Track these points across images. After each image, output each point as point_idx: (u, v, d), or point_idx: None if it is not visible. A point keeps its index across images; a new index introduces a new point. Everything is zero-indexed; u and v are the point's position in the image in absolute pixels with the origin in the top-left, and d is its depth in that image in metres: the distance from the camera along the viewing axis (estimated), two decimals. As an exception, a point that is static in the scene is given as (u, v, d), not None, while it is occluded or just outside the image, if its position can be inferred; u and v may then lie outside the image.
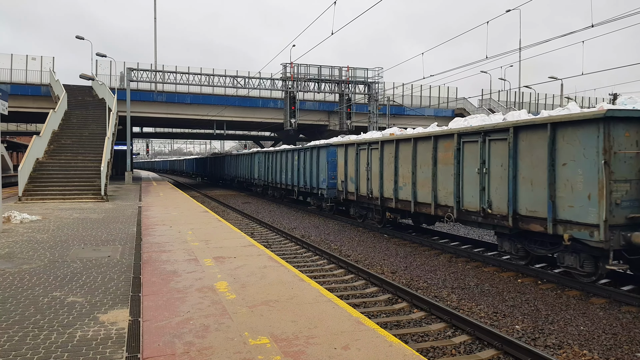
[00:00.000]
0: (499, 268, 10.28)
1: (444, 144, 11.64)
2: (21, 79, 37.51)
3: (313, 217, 19.80)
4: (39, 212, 15.05)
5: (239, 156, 36.83)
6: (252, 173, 32.29)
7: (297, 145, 27.43)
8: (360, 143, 16.13)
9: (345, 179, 17.04)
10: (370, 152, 15.32)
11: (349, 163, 16.81)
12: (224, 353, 4.31)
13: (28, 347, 4.39)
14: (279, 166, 25.74)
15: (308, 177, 21.36)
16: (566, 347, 6.05)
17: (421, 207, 12.59)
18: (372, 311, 7.40)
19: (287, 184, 24.54)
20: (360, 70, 37.95)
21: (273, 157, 26.97)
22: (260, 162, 29.94)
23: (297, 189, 22.97)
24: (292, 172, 23.65)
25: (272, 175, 27.15)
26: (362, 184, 15.84)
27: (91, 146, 24.62)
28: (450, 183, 11.32)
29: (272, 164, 27.04)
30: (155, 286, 6.56)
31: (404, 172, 13.34)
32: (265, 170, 28.66)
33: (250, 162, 32.82)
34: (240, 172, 36.16)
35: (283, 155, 25.15)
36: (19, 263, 7.86)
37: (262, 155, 29.46)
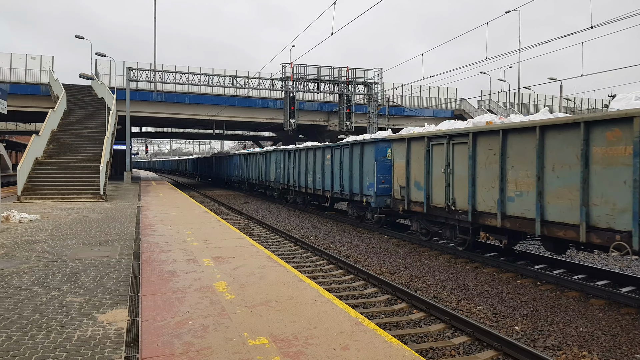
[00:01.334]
0: (498, 269, 10.28)
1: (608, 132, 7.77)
2: (20, 78, 37.50)
3: (312, 218, 19.79)
4: (38, 211, 15.03)
5: (251, 155, 32.45)
6: (266, 174, 28.30)
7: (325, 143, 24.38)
8: (433, 136, 12.09)
9: (407, 184, 13.08)
10: (450, 149, 11.35)
11: (413, 163, 12.88)
12: (223, 353, 4.30)
13: (26, 347, 4.37)
14: (303, 167, 21.80)
15: (346, 181, 17.41)
16: (565, 348, 6.05)
17: (556, 228, 8.62)
18: (372, 312, 7.39)
19: (315, 188, 20.49)
20: (360, 71, 37.96)
21: (296, 156, 22.99)
22: (278, 162, 25.94)
23: (330, 195, 18.84)
24: (322, 174, 19.65)
25: (294, 178, 23.18)
26: (436, 191, 11.89)
27: (90, 146, 24.60)
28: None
29: (295, 165, 23.10)
30: (154, 286, 6.54)
31: (519, 176, 9.45)
32: (284, 172, 24.78)
33: (264, 162, 28.83)
34: (251, 173, 32.03)
35: (310, 153, 21.14)
36: (17, 262, 7.85)
37: (281, 154, 25.36)
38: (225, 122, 43.64)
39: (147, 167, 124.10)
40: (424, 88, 47.10)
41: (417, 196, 12.71)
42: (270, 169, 27.58)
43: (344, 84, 37.39)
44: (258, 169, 30.36)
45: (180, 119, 41.62)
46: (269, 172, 27.82)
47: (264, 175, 28.96)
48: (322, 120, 42.79)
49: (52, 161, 22.41)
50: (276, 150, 26.92)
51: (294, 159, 23.21)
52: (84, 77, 28.03)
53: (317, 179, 20.29)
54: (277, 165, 26.15)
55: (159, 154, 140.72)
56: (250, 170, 32.34)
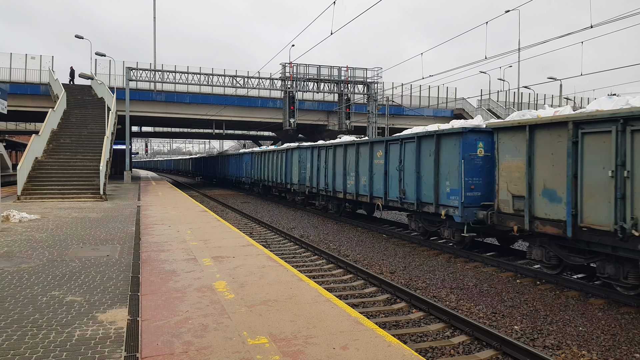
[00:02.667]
0: (498, 268, 10.29)
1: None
2: (20, 78, 37.49)
3: (312, 217, 19.79)
4: (38, 211, 15.03)
5: (267, 154, 28.74)
6: (287, 176, 24.65)
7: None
8: (586, 121, 7.98)
9: (528, 193, 9.09)
10: (628, 139, 7.29)
11: (541, 162, 8.89)
12: (223, 353, 4.31)
13: (26, 346, 4.38)
14: (340, 167, 17.93)
15: (410, 186, 13.17)
16: (565, 347, 6.06)
17: None
18: (371, 311, 7.40)
19: (358, 194, 16.40)
20: (360, 70, 37.97)
21: (329, 153, 19.08)
22: (303, 161, 22.39)
23: (384, 203, 14.64)
24: (369, 177, 15.54)
25: (326, 180, 19.18)
26: (591, 205, 7.92)
27: (90, 145, 24.60)
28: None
29: (327, 164, 19.18)
30: (154, 285, 6.55)
31: None
32: (312, 173, 20.96)
33: (284, 161, 25.09)
34: (267, 174, 28.43)
35: (350, 150, 17.21)
36: (17, 262, 7.85)
37: (307, 151, 21.69)
38: (224, 122, 43.65)
39: (147, 166, 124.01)
40: (424, 87, 47.11)
41: (550, 211, 8.65)
42: (292, 169, 24.05)
43: (343, 84, 37.40)
44: (276, 170, 26.75)
45: (180, 118, 41.62)
46: (290, 173, 24.34)
47: (283, 176, 25.29)
48: (322, 119, 42.79)
49: (52, 161, 22.41)
50: (300, 147, 23.19)
51: (326, 157, 19.37)
52: (84, 76, 28.00)
53: (360, 183, 16.35)
54: (302, 165, 22.62)
55: (158, 154, 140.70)
56: (266, 170, 28.81)
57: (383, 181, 14.61)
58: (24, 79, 37.44)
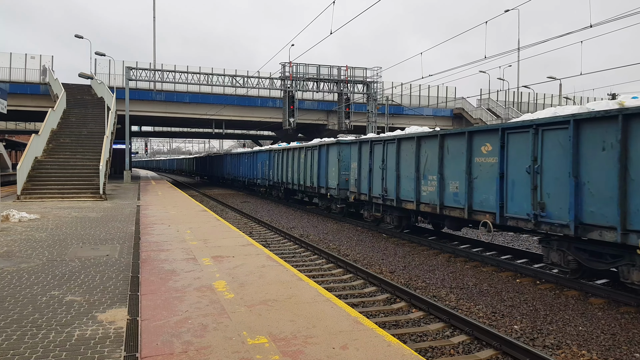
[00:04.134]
0: (497, 268, 10.29)
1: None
2: (20, 77, 37.48)
3: (312, 217, 19.79)
4: (38, 210, 15.02)
5: (291, 152, 24.49)
6: (320, 178, 20.26)
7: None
8: None
9: None
10: None
11: None
12: (223, 352, 4.30)
13: (26, 346, 4.38)
14: (409, 167, 13.30)
15: (559, 198, 8.53)
16: (565, 347, 6.06)
17: None
18: (371, 311, 7.40)
19: (444, 206, 11.85)
20: (359, 70, 37.98)
21: (389, 150, 14.49)
22: (345, 160, 18.29)
23: (496, 218, 10.06)
24: (465, 182, 11.04)
25: (384, 185, 14.59)
26: None
27: (90, 145, 24.59)
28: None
29: (386, 164, 14.56)
30: (154, 285, 6.55)
31: None
32: (360, 175, 16.26)
33: (316, 160, 20.78)
34: (291, 175, 24.31)
35: (428, 145, 12.62)
36: (17, 262, 7.85)
37: (353, 148, 17.13)
38: (224, 121, 43.65)
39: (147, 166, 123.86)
40: (424, 87, 47.11)
41: None
42: (328, 170, 19.53)
43: (343, 83, 37.42)
44: (303, 170, 22.48)
45: (180, 118, 41.61)
46: (324, 175, 19.83)
47: (314, 178, 21.02)
48: (322, 119, 42.79)
49: (51, 160, 22.40)
50: (341, 142, 18.62)
51: (385, 155, 14.61)
52: (84, 76, 27.99)
53: (448, 190, 11.77)
54: (344, 164, 18.30)
55: (158, 153, 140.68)
56: (289, 171, 24.65)
57: (497, 188, 10.07)
58: (23, 79, 37.44)
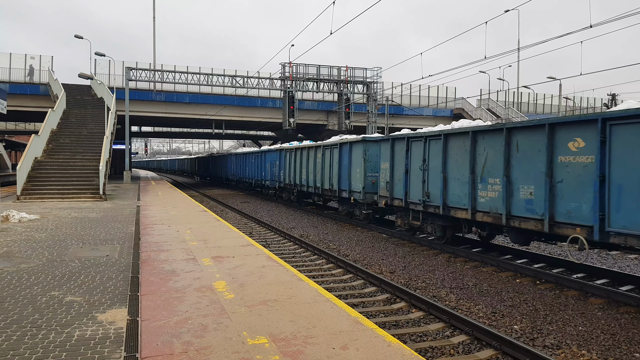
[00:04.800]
0: (497, 268, 10.29)
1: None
2: (20, 77, 37.48)
3: (311, 217, 19.79)
4: (38, 211, 15.02)
5: (305, 151, 21.76)
6: (342, 181, 18.13)
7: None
8: None
9: None
10: None
11: None
12: (223, 353, 4.30)
13: (26, 347, 4.38)
14: (461, 169, 11.07)
15: None
16: (565, 347, 6.06)
17: None
18: (371, 311, 7.40)
19: (511, 215, 9.71)
20: (359, 70, 37.97)
21: (430, 148, 12.11)
22: (372, 159, 15.71)
23: (595, 233, 7.95)
24: (545, 186, 8.84)
25: (425, 189, 12.20)
26: None
27: (90, 145, 24.59)
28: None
29: (428, 165, 12.15)
30: (154, 286, 6.55)
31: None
32: (393, 178, 13.82)
33: (336, 160, 18.46)
34: (306, 177, 21.76)
35: (487, 142, 10.42)
36: (17, 262, 7.85)
37: (383, 145, 14.57)
38: (224, 122, 43.64)
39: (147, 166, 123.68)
40: (424, 87, 47.11)
41: None
42: (350, 171, 17.31)
43: (343, 83, 37.40)
44: (320, 172, 20.03)
45: (180, 118, 41.60)
46: (346, 177, 17.57)
47: (333, 180, 18.74)
48: (322, 119, 42.79)
49: (51, 161, 22.39)
50: (368, 140, 16.19)
51: (426, 154, 12.17)
52: (84, 76, 27.97)
53: (517, 196, 9.58)
54: (371, 165, 15.89)
55: (158, 154, 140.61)
56: (304, 172, 22.11)
57: (594, 195, 7.96)
58: (23, 79, 37.44)
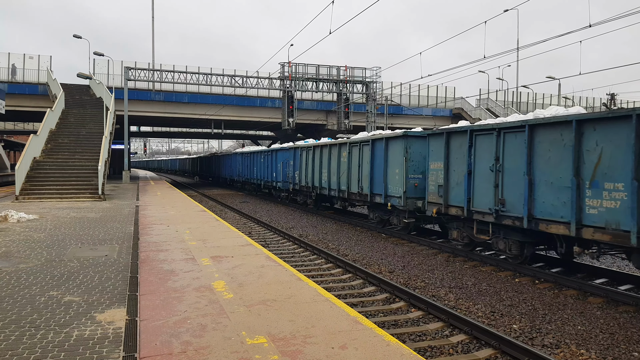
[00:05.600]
0: (497, 267, 10.30)
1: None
2: (18, 77, 37.41)
3: (311, 217, 19.79)
4: (36, 211, 15.00)
5: (326, 148, 19.10)
6: (374, 183, 15.30)
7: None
8: None
9: None
10: None
11: None
12: (222, 352, 4.30)
13: (24, 347, 4.37)
14: (549, 170, 8.67)
15: None
16: (563, 346, 6.06)
17: None
18: (370, 310, 7.40)
19: (621, 229, 7.28)
20: (359, 70, 37.95)
21: (495, 143, 9.91)
22: (415, 158, 13.35)
23: None
24: None
25: (486, 194, 10.19)
26: None
27: (89, 145, 24.56)
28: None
29: (487, 166, 10.13)
30: (153, 285, 6.54)
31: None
32: (450, 181, 11.37)
33: (366, 159, 15.77)
34: (327, 179, 19.14)
35: (595, 134, 7.71)
36: (15, 262, 7.83)
37: (421, 142, 13.17)
38: (223, 121, 43.61)
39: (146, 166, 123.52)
40: (423, 87, 47.10)
41: None
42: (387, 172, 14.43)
43: (342, 83, 37.39)
44: (345, 173, 17.14)
45: (179, 118, 41.56)
46: (380, 178, 14.75)
47: (364, 183, 15.93)
48: (321, 119, 42.78)
49: (50, 161, 22.36)
50: (409, 135, 13.41)
51: (501, 151, 9.79)
52: (82, 76, 27.96)
53: None
54: (414, 164, 13.23)
55: (157, 153, 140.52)
56: (325, 173, 19.36)
57: None
58: (22, 79, 37.38)
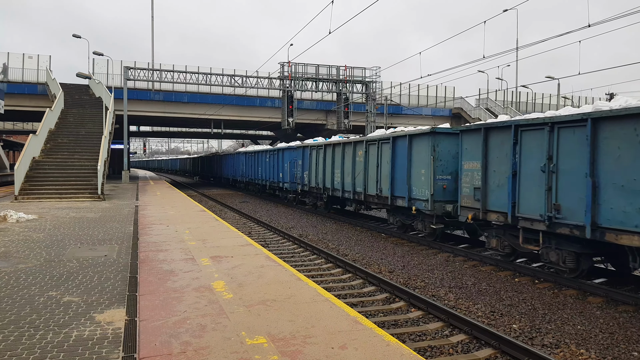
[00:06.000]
0: (496, 267, 10.30)
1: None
2: (18, 77, 37.40)
3: (311, 217, 19.78)
4: (36, 211, 14.99)
5: (339, 147, 17.39)
6: (396, 185, 13.70)
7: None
8: None
9: None
10: None
11: None
12: (221, 353, 4.29)
13: (24, 347, 4.36)
14: None
15: None
16: (563, 346, 6.06)
17: None
18: (370, 310, 7.39)
19: None
20: (358, 70, 37.94)
21: (548, 139, 8.64)
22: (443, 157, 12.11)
23: None
24: None
25: (536, 198, 8.88)
26: None
27: (88, 145, 24.53)
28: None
29: (538, 166, 8.82)
30: (152, 286, 6.53)
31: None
32: (493, 184, 10.02)
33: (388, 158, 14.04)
34: (340, 180, 17.34)
35: None
36: (15, 262, 7.82)
37: (451, 139, 12.04)
38: (223, 121, 43.58)
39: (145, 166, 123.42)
40: (422, 87, 47.09)
41: None
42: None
43: (342, 83, 37.38)
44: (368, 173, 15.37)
45: (178, 118, 41.54)
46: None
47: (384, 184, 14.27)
48: (321, 119, 42.77)
49: (49, 160, 22.34)
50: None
51: None
52: (82, 76, 27.95)
53: None
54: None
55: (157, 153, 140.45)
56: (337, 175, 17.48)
57: None
58: (21, 79, 37.36)
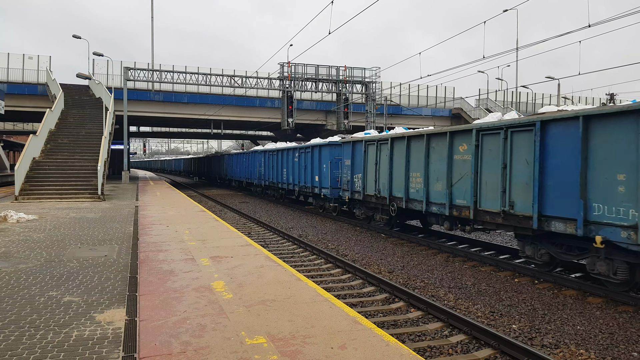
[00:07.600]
0: (496, 267, 10.30)
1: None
2: (18, 78, 37.42)
3: (310, 217, 19.79)
4: (36, 211, 14.99)
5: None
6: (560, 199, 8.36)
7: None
8: None
9: None
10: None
11: None
12: (221, 352, 4.30)
13: (24, 347, 4.37)
14: None
15: None
16: (563, 346, 6.07)
17: None
18: (369, 311, 7.40)
19: None
20: (358, 70, 37.96)
21: None
22: None
23: None
24: None
25: None
26: None
27: (88, 145, 24.55)
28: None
29: None
30: (152, 286, 6.54)
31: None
32: None
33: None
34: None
35: None
36: (15, 262, 7.83)
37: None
38: (223, 122, 43.59)
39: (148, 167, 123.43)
40: (422, 87, 47.12)
41: None
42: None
43: (341, 83, 37.39)
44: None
45: (178, 118, 41.54)
46: None
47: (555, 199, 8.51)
48: (320, 119, 42.78)
49: (49, 161, 22.36)
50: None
51: None
52: (82, 76, 27.97)
53: None
54: None
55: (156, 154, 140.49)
56: (447, 181, 11.50)
57: None
58: (21, 79, 37.38)
